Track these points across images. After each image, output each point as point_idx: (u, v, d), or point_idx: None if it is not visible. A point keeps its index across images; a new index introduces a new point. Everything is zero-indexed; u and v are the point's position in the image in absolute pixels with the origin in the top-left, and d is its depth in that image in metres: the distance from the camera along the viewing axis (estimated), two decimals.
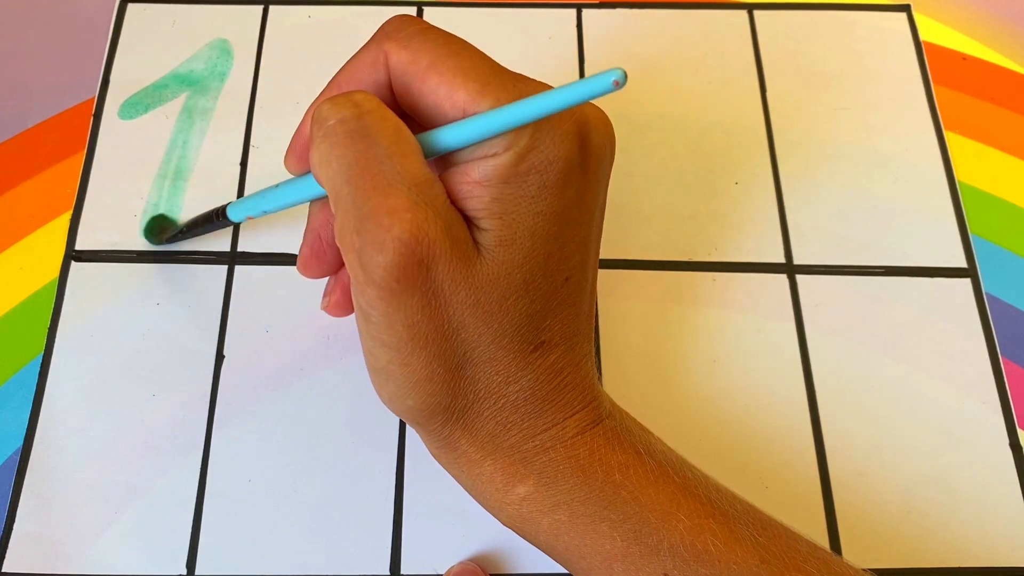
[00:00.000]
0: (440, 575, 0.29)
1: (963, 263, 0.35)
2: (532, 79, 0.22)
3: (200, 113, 0.38)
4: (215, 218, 0.30)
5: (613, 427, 0.24)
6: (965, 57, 0.41)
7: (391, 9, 0.40)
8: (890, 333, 0.34)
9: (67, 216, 0.35)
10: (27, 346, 0.33)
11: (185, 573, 0.29)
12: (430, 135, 0.22)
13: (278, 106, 0.38)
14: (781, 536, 0.23)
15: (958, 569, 0.30)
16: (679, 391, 0.33)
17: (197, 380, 0.32)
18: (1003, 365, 0.33)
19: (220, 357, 0.33)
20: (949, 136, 0.38)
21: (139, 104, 0.38)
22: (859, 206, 0.36)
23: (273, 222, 0.35)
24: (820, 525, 0.31)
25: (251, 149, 0.37)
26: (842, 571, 0.23)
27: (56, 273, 0.34)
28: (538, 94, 0.20)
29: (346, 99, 0.22)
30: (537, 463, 0.24)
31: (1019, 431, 0.32)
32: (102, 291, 0.34)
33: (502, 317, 0.22)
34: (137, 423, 0.31)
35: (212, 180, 0.36)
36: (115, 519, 0.30)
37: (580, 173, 0.23)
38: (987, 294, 0.35)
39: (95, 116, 0.37)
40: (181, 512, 0.30)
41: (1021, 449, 0.32)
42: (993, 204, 0.37)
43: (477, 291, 0.22)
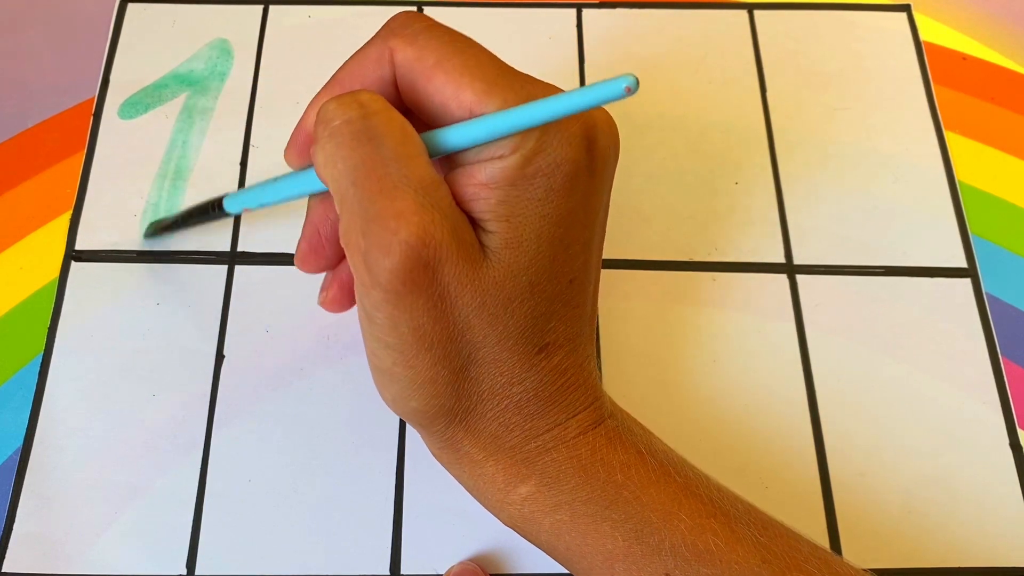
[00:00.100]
0: (440, 575, 0.29)
1: (963, 263, 0.35)
2: (538, 80, 0.22)
3: (200, 113, 0.38)
4: (211, 209, 0.29)
5: (615, 427, 0.24)
6: (965, 57, 0.41)
7: (391, 9, 0.40)
8: (890, 333, 0.34)
9: (67, 216, 0.35)
10: (27, 346, 0.33)
11: (185, 573, 0.29)
12: (435, 135, 0.21)
13: (278, 106, 0.38)
14: (783, 536, 0.23)
15: (958, 569, 0.30)
16: (679, 391, 0.33)
17: (197, 380, 0.32)
18: (1003, 365, 0.33)
19: (220, 357, 0.33)
20: (949, 136, 0.38)
21: (139, 104, 0.38)
22: (859, 206, 0.36)
23: (273, 222, 0.35)
24: (820, 525, 0.31)
25: (251, 149, 0.37)
26: (843, 571, 0.23)
27: (56, 273, 0.34)
28: (547, 97, 0.20)
29: (352, 99, 0.21)
30: (539, 463, 0.24)
31: (1019, 431, 0.32)
32: (102, 291, 0.34)
33: (507, 319, 0.22)
34: (137, 423, 0.31)
35: (212, 180, 0.36)
36: (115, 519, 0.30)
37: (586, 176, 0.22)
38: (987, 294, 0.35)
39: (95, 116, 0.37)
40: (181, 512, 0.30)
41: (1021, 449, 0.32)
42: (993, 204, 0.37)
43: (483, 293, 0.22)
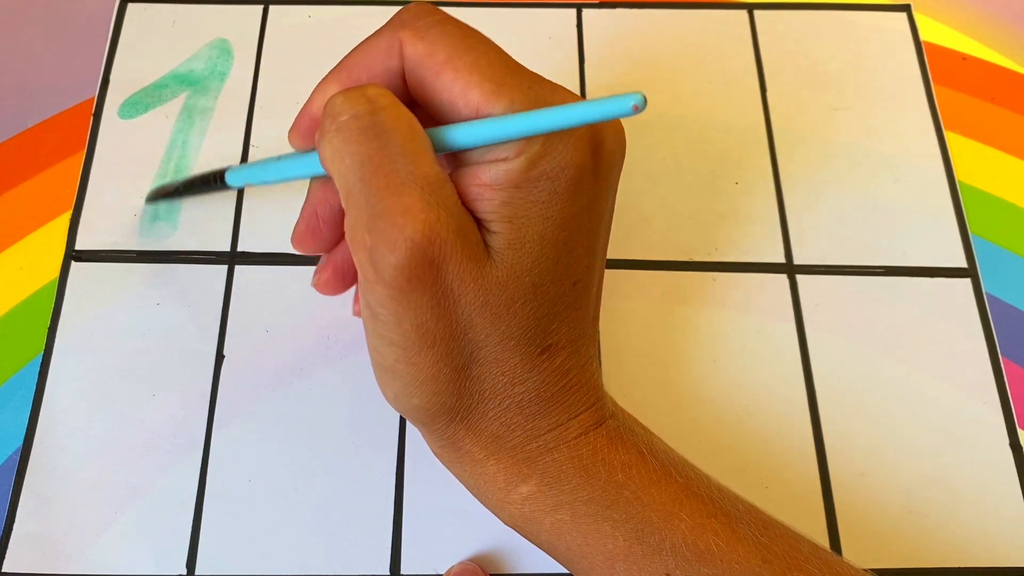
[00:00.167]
0: (440, 575, 0.29)
1: (963, 263, 0.35)
2: (547, 81, 0.22)
3: (200, 113, 0.38)
4: (213, 181, 0.29)
5: (616, 427, 0.24)
6: (965, 57, 0.41)
7: (391, 9, 0.40)
8: (890, 333, 0.34)
9: (67, 216, 0.35)
10: (27, 346, 0.33)
11: (185, 573, 0.29)
12: (441, 132, 0.21)
13: (278, 106, 0.38)
14: (783, 536, 0.23)
15: (958, 569, 0.30)
16: (679, 391, 0.33)
17: (197, 380, 0.32)
18: (1003, 365, 0.33)
19: (220, 357, 0.33)
20: (949, 136, 0.38)
21: (139, 104, 0.38)
22: (859, 206, 0.36)
23: (273, 222, 0.35)
24: (820, 525, 0.31)
25: (251, 149, 0.37)
26: (844, 571, 0.23)
27: (56, 273, 0.34)
28: (552, 107, 0.20)
29: (360, 94, 0.21)
30: (540, 463, 0.24)
31: (1019, 431, 0.32)
32: (102, 291, 0.34)
33: (510, 319, 0.22)
34: (137, 423, 0.31)
35: None
36: (115, 519, 0.30)
37: (592, 180, 0.22)
38: (987, 294, 0.35)
39: (95, 116, 0.37)
40: (181, 512, 0.30)
41: (1021, 449, 0.32)
42: (993, 204, 0.37)
43: (486, 293, 0.22)
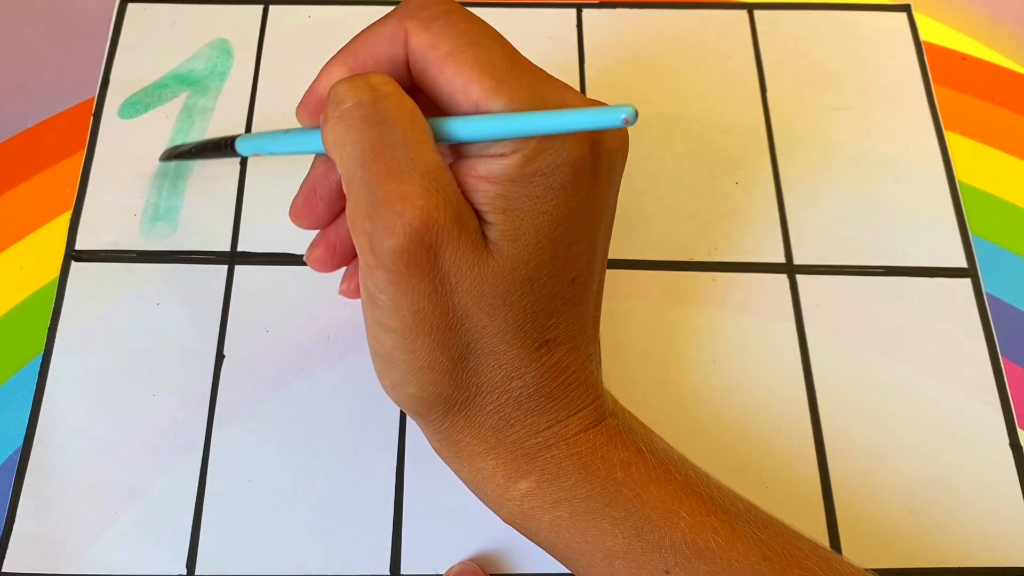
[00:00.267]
0: (440, 575, 0.29)
1: (963, 263, 0.35)
2: (550, 78, 0.22)
3: (200, 113, 0.38)
4: (223, 147, 0.30)
5: (615, 425, 0.24)
6: (965, 57, 0.41)
7: (391, 9, 0.40)
8: (890, 333, 0.34)
9: (67, 216, 0.35)
10: (27, 346, 0.33)
11: (185, 573, 0.29)
12: (441, 123, 0.22)
13: (278, 106, 0.38)
14: (783, 534, 0.24)
15: (958, 569, 0.30)
16: (679, 391, 0.33)
17: (197, 380, 0.32)
18: (1003, 365, 0.33)
19: (220, 357, 0.33)
20: (949, 136, 0.38)
21: (139, 104, 0.38)
22: (859, 206, 0.36)
23: (273, 222, 0.35)
24: (820, 525, 0.31)
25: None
26: (844, 569, 0.23)
27: (56, 273, 0.34)
28: (546, 112, 0.20)
29: (363, 82, 0.22)
30: (539, 459, 0.24)
31: (1019, 431, 0.32)
32: (102, 291, 0.34)
33: (506, 311, 0.22)
34: (137, 423, 0.31)
35: (212, 180, 0.36)
36: (115, 519, 0.30)
37: (590, 177, 0.23)
38: (987, 294, 0.35)
39: (95, 116, 0.37)
40: (181, 512, 0.30)
41: (1021, 449, 0.32)
42: (993, 204, 0.37)
43: (482, 282, 0.22)
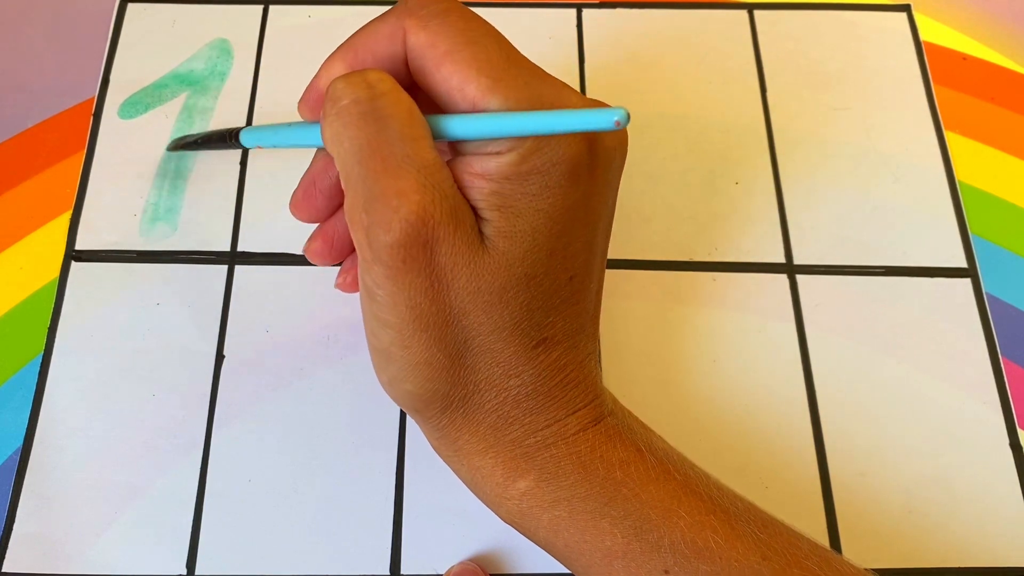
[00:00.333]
0: (440, 575, 0.29)
1: (963, 263, 0.35)
2: (548, 76, 0.22)
3: (200, 113, 0.38)
4: (228, 138, 0.30)
5: (615, 425, 0.24)
6: (965, 57, 0.41)
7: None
8: (890, 333, 0.34)
9: (67, 216, 0.35)
10: (27, 346, 0.33)
11: (185, 573, 0.29)
12: (438, 121, 0.22)
13: (278, 106, 0.38)
14: (782, 534, 0.23)
15: (958, 569, 0.30)
16: (679, 391, 0.33)
17: (197, 380, 0.32)
18: (1003, 365, 0.33)
19: (220, 357, 0.33)
20: (949, 136, 0.38)
21: (139, 104, 0.38)
22: (859, 206, 0.36)
23: (273, 222, 0.35)
24: (820, 525, 0.31)
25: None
26: (843, 569, 0.23)
27: (56, 273, 0.34)
28: (539, 113, 0.20)
29: (361, 79, 0.22)
30: (538, 459, 0.24)
31: (1019, 431, 0.32)
32: (102, 291, 0.34)
33: (502, 309, 0.22)
34: (137, 423, 0.31)
35: (212, 180, 0.36)
36: (115, 519, 0.30)
37: (587, 175, 0.23)
38: (987, 294, 0.35)
39: (95, 116, 0.37)
40: (181, 512, 0.30)
41: (1021, 449, 0.32)
42: (993, 204, 0.37)
43: (478, 278, 0.22)
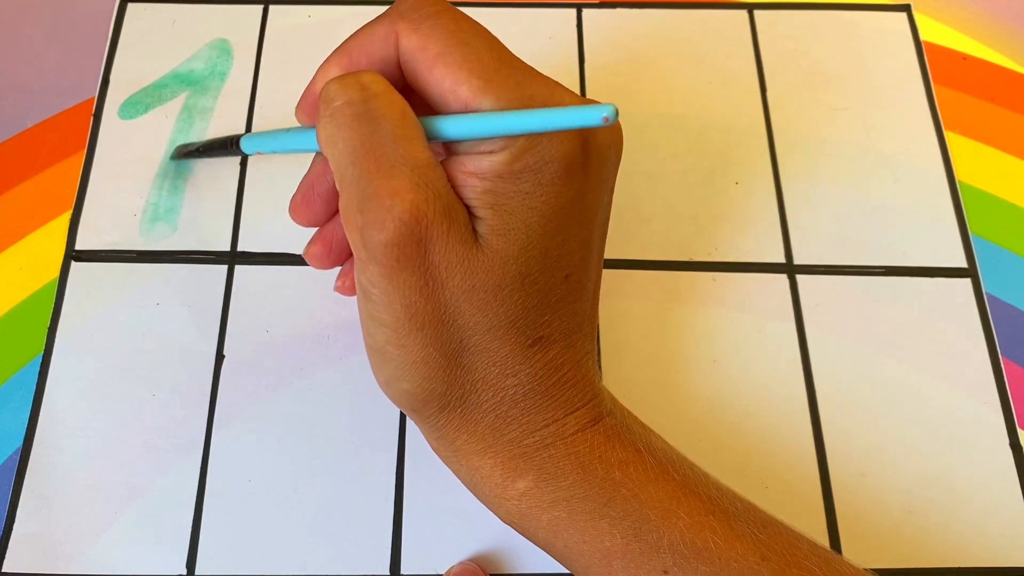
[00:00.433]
0: (440, 575, 0.29)
1: (963, 263, 0.35)
2: (539, 76, 0.22)
3: (200, 113, 0.38)
4: (229, 145, 0.31)
5: (613, 425, 0.24)
6: (965, 57, 0.41)
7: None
8: (890, 333, 0.34)
9: (67, 216, 0.35)
10: (27, 346, 0.33)
11: (185, 573, 0.29)
12: (431, 122, 0.22)
13: (278, 106, 0.38)
14: (782, 534, 0.23)
15: (958, 569, 0.30)
16: (679, 391, 0.33)
17: (197, 380, 0.32)
18: (1003, 365, 0.33)
19: (220, 357, 0.33)
20: (949, 136, 0.38)
21: (139, 104, 0.38)
22: (859, 206, 0.36)
23: (273, 222, 0.35)
24: (820, 525, 0.31)
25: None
26: (843, 569, 0.23)
27: (56, 273, 0.34)
28: (529, 111, 0.20)
29: (354, 81, 0.22)
30: (537, 459, 0.24)
31: (1019, 431, 0.32)
32: (102, 291, 0.34)
33: (497, 307, 0.22)
34: (137, 423, 0.31)
35: (212, 180, 0.36)
36: (115, 519, 0.30)
37: (581, 173, 0.23)
38: (987, 294, 0.35)
39: (95, 116, 0.37)
40: (181, 512, 0.30)
41: (1021, 449, 0.32)
42: (993, 204, 0.37)
43: (472, 277, 0.22)
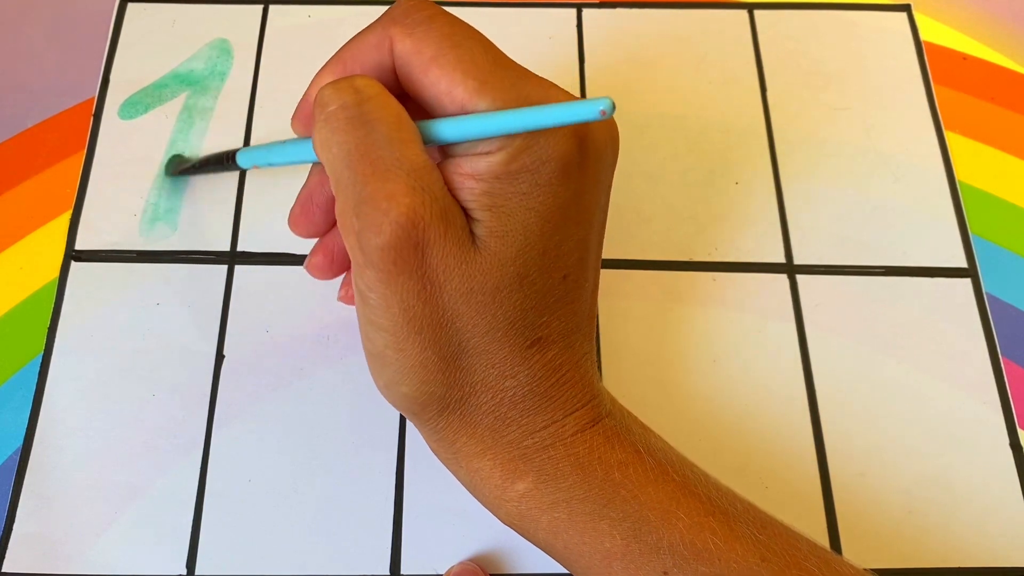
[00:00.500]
0: (440, 575, 0.29)
1: (963, 263, 0.35)
2: (534, 76, 0.22)
3: (200, 113, 0.38)
4: (225, 160, 0.31)
5: (613, 425, 0.24)
6: (965, 57, 0.41)
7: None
8: (890, 333, 0.34)
9: (67, 216, 0.35)
10: (27, 346, 0.33)
11: (185, 573, 0.29)
12: (427, 125, 0.22)
13: (278, 106, 0.38)
14: (781, 535, 0.23)
15: (958, 569, 0.30)
16: (679, 391, 0.33)
17: (197, 380, 0.32)
18: (1003, 365, 0.33)
19: (220, 357, 0.33)
20: (949, 136, 0.38)
21: (139, 104, 0.38)
22: (859, 206, 0.36)
23: (273, 222, 0.35)
24: (820, 525, 0.31)
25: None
26: (842, 570, 0.23)
27: (56, 273, 0.34)
28: (525, 109, 0.20)
29: (348, 84, 0.22)
30: (536, 460, 0.24)
31: (1019, 431, 0.32)
32: (102, 291, 0.34)
33: (495, 309, 0.22)
34: (137, 423, 0.31)
35: (212, 180, 0.36)
36: (115, 519, 0.30)
37: (578, 173, 0.23)
38: (987, 294, 0.35)
39: (95, 116, 0.37)
40: (181, 512, 0.30)
41: (1021, 449, 0.32)
42: (993, 204, 0.37)
43: (470, 279, 0.22)
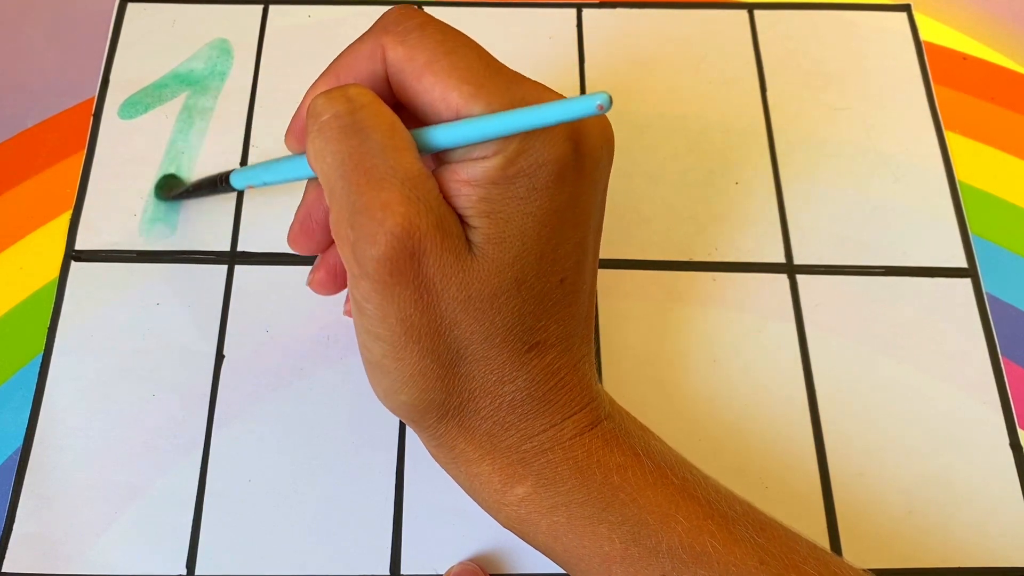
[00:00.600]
0: (440, 575, 0.29)
1: (963, 263, 0.35)
2: (528, 80, 0.22)
3: (200, 113, 0.38)
4: (219, 183, 0.30)
5: (612, 428, 0.24)
6: (965, 57, 0.41)
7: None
8: (890, 333, 0.34)
9: (67, 216, 0.35)
10: (27, 346, 0.33)
11: (185, 573, 0.29)
12: (422, 132, 0.22)
13: (278, 106, 0.38)
14: (780, 537, 0.23)
15: (958, 569, 0.30)
16: (679, 391, 0.33)
17: (197, 380, 0.32)
18: (1003, 365, 0.33)
19: (220, 357, 0.33)
20: (949, 136, 0.38)
21: (139, 104, 0.38)
22: (859, 206, 0.36)
23: (273, 222, 0.35)
24: (820, 525, 0.31)
25: (251, 149, 0.37)
26: (842, 572, 0.23)
27: (56, 273, 0.34)
28: (521, 109, 0.20)
29: (340, 94, 0.22)
30: (535, 464, 0.24)
31: (1019, 431, 0.32)
32: (102, 291, 0.34)
33: (494, 315, 0.22)
34: (137, 423, 0.31)
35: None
36: (115, 519, 0.30)
37: (574, 176, 0.22)
38: (987, 294, 0.35)
39: (95, 116, 0.37)
40: (181, 512, 0.30)
41: (1021, 449, 0.32)
42: (993, 204, 0.37)
43: (468, 287, 0.22)
